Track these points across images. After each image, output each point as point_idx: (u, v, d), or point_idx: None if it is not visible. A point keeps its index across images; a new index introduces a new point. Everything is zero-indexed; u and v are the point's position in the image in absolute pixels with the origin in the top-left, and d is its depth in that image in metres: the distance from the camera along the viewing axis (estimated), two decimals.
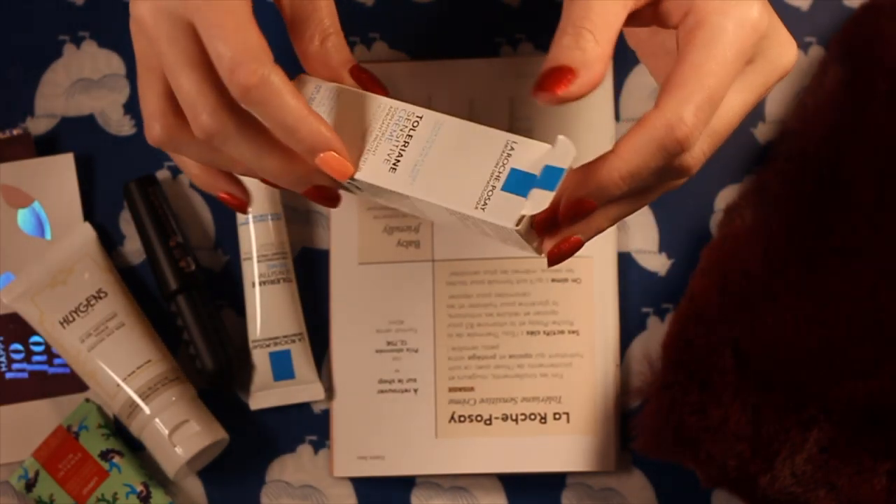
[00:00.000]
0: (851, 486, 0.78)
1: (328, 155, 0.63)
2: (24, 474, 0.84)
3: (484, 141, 0.64)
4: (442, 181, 0.64)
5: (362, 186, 0.66)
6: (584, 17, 0.62)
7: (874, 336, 0.79)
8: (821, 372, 0.79)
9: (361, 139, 0.66)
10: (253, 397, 0.86)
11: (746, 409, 0.79)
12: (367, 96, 0.67)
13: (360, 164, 0.65)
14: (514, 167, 0.63)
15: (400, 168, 0.65)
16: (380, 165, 0.65)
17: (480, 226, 0.65)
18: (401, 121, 0.65)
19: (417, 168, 0.65)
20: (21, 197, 0.87)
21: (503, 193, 0.63)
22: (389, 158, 0.65)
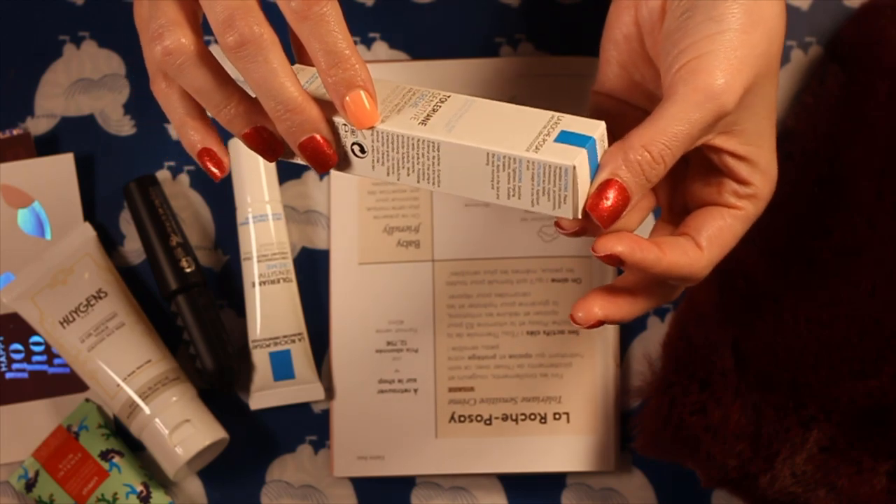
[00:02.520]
0: (851, 486, 0.78)
1: (358, 94, 0.63)
2: (24, 474, 0.84)
3: (526, 113, 0.64)
4: (483, 132, 0.64)
5: (371, 147, 0.65)
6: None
7: (874, 336, 0.79)
8: (821, 372, 0.79)
9: (381, 104, 0.65)
10: (253, 397, 0.86)
11: (746, 409, 0.79)
12: (386, 79, 0.66)
13: (382, 118, 0.64)
14: (564, 129, 0.63)
15: (431, 123, 0.64)
16: (406, 120, 0.64)
17: (519, 177, 0.64)
18: (424, 97, 0.65)
19: (452, 123, 0.64)
20: (21, 197, 0.87)
21: (556, 143, 0.63)
22: (417, 117, 0.64)
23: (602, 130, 0.63)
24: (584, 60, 0.87)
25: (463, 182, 0.64)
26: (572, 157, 0.62)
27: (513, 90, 0.87)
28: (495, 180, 0.64)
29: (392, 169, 0.65)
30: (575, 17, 0.89)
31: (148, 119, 0.89)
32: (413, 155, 0.64)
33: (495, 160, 0.63)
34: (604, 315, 0.66)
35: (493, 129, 0.64)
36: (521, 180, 0.63)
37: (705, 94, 0.63)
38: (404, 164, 0.65)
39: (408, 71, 0.87)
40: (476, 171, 0.64)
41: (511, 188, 0.64)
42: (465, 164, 0.64)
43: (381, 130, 0.64)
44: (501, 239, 0.86)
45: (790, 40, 0.88)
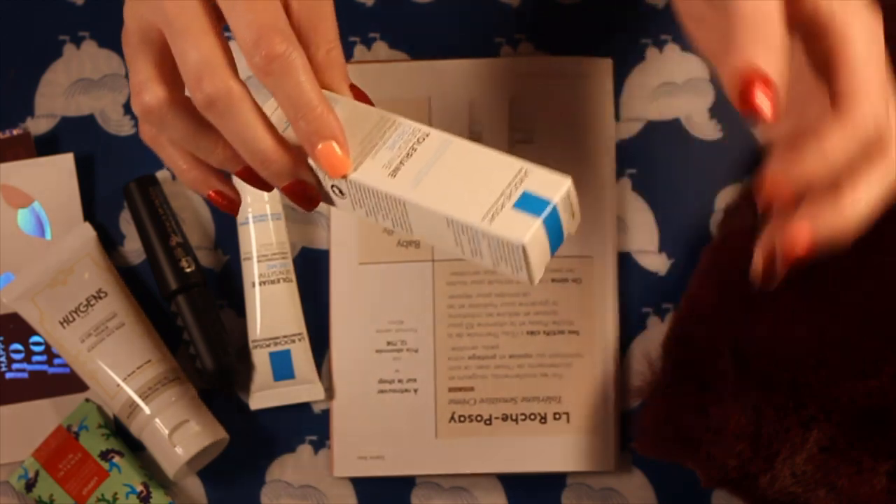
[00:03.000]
0: (851, 486, 0.78)
1: (328, 146, 0.64)
2: (24, 474, 0.84)
3: (495, 163, 0.64)
4: (446, 191, 0.64)
5: (348, 192, 0.66)
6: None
7: (874, 336, 0.79)
8: (821, 372, 0.79)
9: (359, 144, 0.65)
10: (253, 397, 0.86)
11: (746, 409, 0.79)
12: (369, 109, 0.66)
13: (355, 165, 0.65)
14: (527, 190, 0.63)
15: (401, 175, 0.64)
16: (378, 170, 0.65)
17: (478, 243, 0.64)
18: (405, 134, 0.65)
19: (420, 177, 0.64)
20: (21, 197, 0.87)
21: (514, 211, 0.63)
22: (389, 165, 0.65)
23: (566, 189, 0.63)
24: (584, 60, 0.87)
25: (431, 236, 0.65)
26: (524, 232, 0.62)
27: (513, 90, 0.87)
28: (458, 241, 0.64)
29: (369, 212, 0.66)
30: (575, 17, 0.89)
31: None
32: (384, 205, 0.65)
33: (455, 225, 0.64)
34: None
35: (457, 186, 0.64)
36: (480, 245, 0.64)
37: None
38: (379, 211, 0.66)
39: (408, 71, 0.87)
40: (440, 231, 0.65)
41: (473, 250, 0.64)
42: (430, 223, 0.65)
43: (352, 180, 0.65)
44: None
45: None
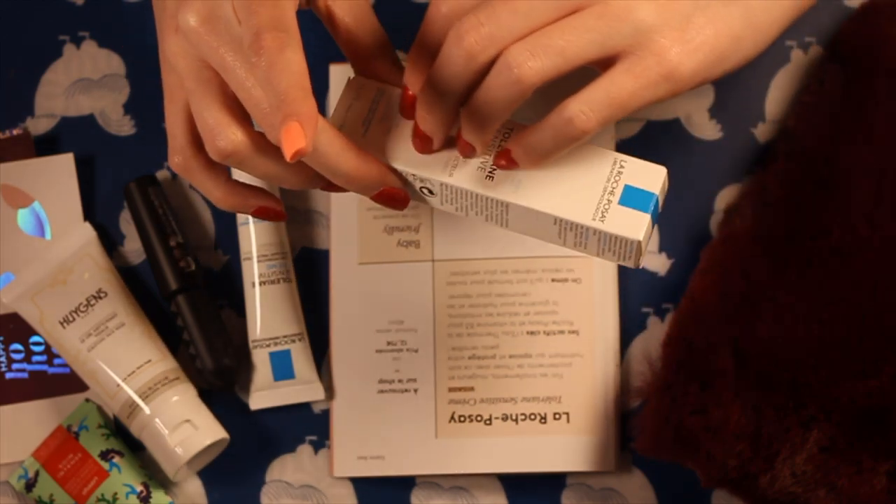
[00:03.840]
0: (851, 486, 0.78)
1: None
2: (24, 474, 0.84)
3: (588, 155, 0.67)
4: (549, 191, 0.66)
5: (440, 192, 0.68)
6: None
7: (874, 336, 0.79)
8: (821, 372, 0.79)
9: (446, 145, 0.67)
10: (253, 397, 0.86)
11: (746, 409, 0.79)
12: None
13: (449, 170, 0.67)
14: (628, 184, 0.66)
15: (498, 176, 0.66)
16: (474, 172, 0.67)
17: (585, 237, 0.66)
18: None
19: (518, 178, 0.66)
20: (21, 197, 0.87)
21: (620, 207, 0.65)
22: (484, 167, 0.67)
23: (664, 178, 0.66)
24: None
25: (531, 231, 0.68)
26: (638, 229, 0.65)
27: None
28: (563, 236, 0.67)
29: (461, 208, 0.68)
30: None
31: (148, 119, 0.89)
32: (481, 205, 0.67)
33: (563, 224, 0.66)
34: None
35: (558, 183, 0.66)
36: (588, 240, 0.66)
37: None
38: (473, 208, 0.68)
39: None
40: (544, 227, 0.67)
41: (577, 243, 0.67)
42: (534, 221, 0.67)
43: (451, 184, 0.67)
44: (501, 239, 0.86)
45: (790, 40, 0.88)
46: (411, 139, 0.67)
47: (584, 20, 0.64)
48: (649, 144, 0.87)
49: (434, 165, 0.67)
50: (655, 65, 0.65)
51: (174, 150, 0.69)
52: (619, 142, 0.87)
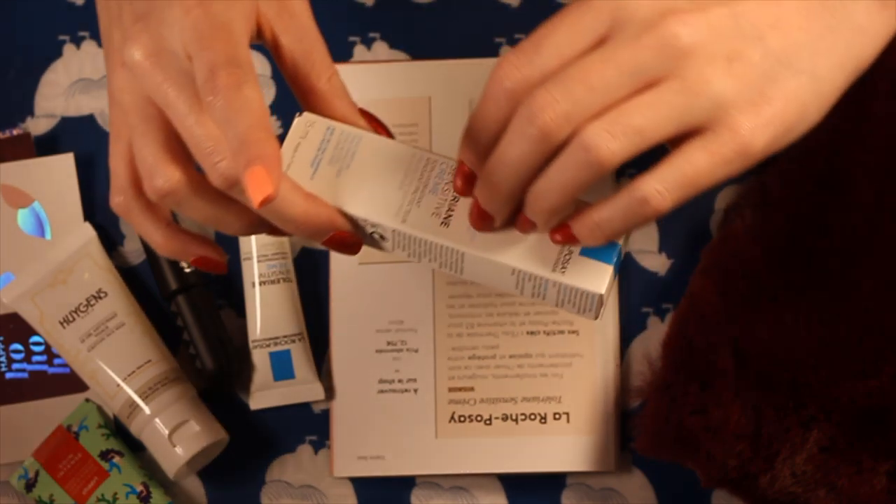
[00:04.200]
0: (851, 486, 0.78)
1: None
2: (24, 474, 0.84)
3: None
4: (507, 240, 0.63)
5: (392, 238, 0.64)
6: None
7: (874, 336, 0.79)
8: (821, 372, 0.79)
9: (398, 189, 0.64)
10: (253, 397, 0.86)
11: (746, 409, 0.79)
12: (396, 144, 0.65)
13: (402, 216, 0.63)
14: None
15: (454, 223, 0.63)
16: (428, 218, 0.63)
17: (544, 289, 0.64)
18: (444, 174, 0.64)
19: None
20: (21, 197, 0.87)
21: (582, 258, 0.63)
22: (439, 212, 0.63)
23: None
24: None
25: (487, 280, 0.64)
26: (600, 282, 0.62)
27: None
28: (520, 287, 0.64)
29: (414, 254, 0.65)
30: None
31: None
32: (436, 252, 0.64)
33: (521, 275, 0.63)
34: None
35: (516, 234, 0.63)
36: (547, 291, 0.64)
37: None
38: (426, 255, 0.65)
39: (408, 71, 0.87)
40: (501, 277, 0.64)
41: (536, 294, 0.64)
42: (491, 271, 0.64)
43: (405, 232, 0.63)
44: None
45: None
46: (468, 216, 0.63)
47: (662, 96, 0.60)
48: None
49: (387, 210, 0.64)
50: (730, 140, 0.61)
51: (115, 190, 0.66)
52: None
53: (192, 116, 0.61)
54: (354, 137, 0.65)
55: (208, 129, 0.61)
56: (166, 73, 0.61)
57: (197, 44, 0.60)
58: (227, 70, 0.59)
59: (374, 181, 0.64)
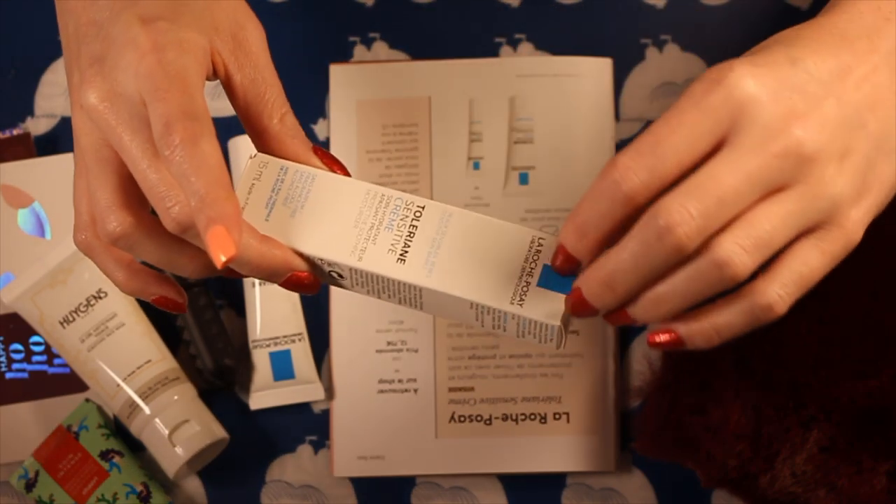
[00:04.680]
0: (851, 486, 0.78)
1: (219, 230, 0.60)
2: (24, 474, 0.84)
3: (505, 234, 0.63)
4: (464, 273, 0.63)
5: (349, 276, 0.64)
6: None
7: (874, 336, 0.79)
8: (821, 372, 0.79)
9: (354, 227, 0.64)
10: (253, 397, 0.86)
11: (746, 409, 0.79)
12: (350, 181, 0.65)
13: (358, 254, 0.63)
14: (547, 263, 0.63)
15: (410, 259, 0.63)
16: (384, 255, 0.63)
17: (503, 321, 0.64)
18: (399, 209, 0.64)
19: (432, 260, 0.63)
20: (21, 197, 0.87)
21: (539, 289, 0.62)
22: (394, 249, 0.63)
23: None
24: (584, 60, 0.87)
25: (447, 313, 0.65)
26: (557, 313, 0.62)
27: (513, 90, 0.87)
28: (480, 319, 0.64)
29: (372, 291, 0.65)
30: (575, 17, 0.89)
31: None
32: (394, 288, 0.64)
33: (479, 308, 0.63)
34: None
35: (473, 266, 0.63)
36: (507, 323, 0.64)
37: None
38: (385, 292, 0.65)
39: (408, 71, 0.87)
40: (461, 311, 0.64)
41: (496, 325, 0.64)
42: (449, 304, 0.64)
43: (361, 269, 0.63)
44: None
45: None
46: (566, 302, 0.63)
47: (788, 205, 0.61)
48: None
49: (342, 249, 0.63)
50: (841, 237, 0.63)
51: (78, 227, 0.65)
52: (620, 142, 0.87)
53: (146, 161, 0.60)
54: (308, 177, 0.65)
55: (162, 174, 0.60)
56: (119, 118, 0.61)
57: (151, 94, 0.60)
58: (183, 124, 0.59)
59: (329, 220, 0.64)
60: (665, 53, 0.88)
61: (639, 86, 0.88)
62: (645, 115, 0.88)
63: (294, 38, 0.88)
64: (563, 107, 0.87)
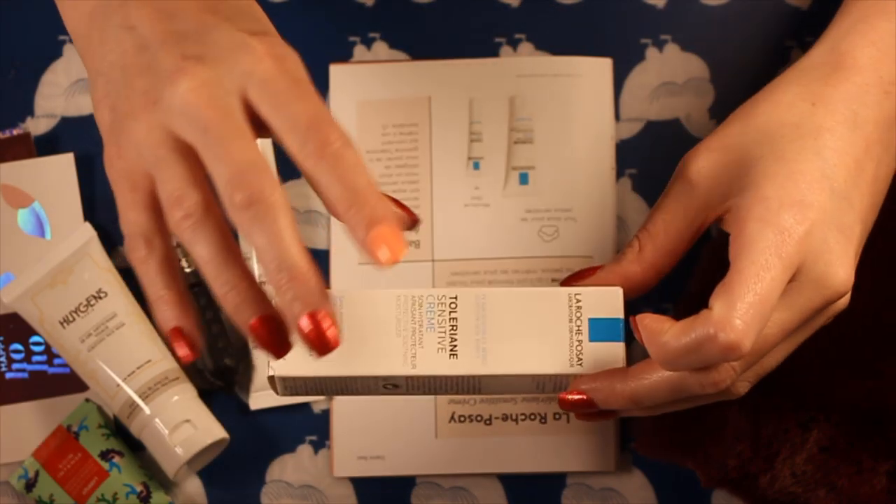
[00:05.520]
0: (851, 486, 0.77)
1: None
2: (24, 474, 0.84)
3: (543, 301, 0.65)
4: (517, 351, 0.64)
5: (409, 384, 0.65)
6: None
7: (874, 336, 0.79)
8: (821, 372, 0.79)
9: (397, 336, 0.64)
10: (253, 397, 0.86)
11: (746, 409, 0.79)
12: (377, 293, 0.65)
13: (411, 361, 0.64)
14: (592, 317, 0.64)
15: (461, 352, 0.64)
16: (435, 356, 0.64)
17: (566, 384, 0.65)
18: (433, 306, 0.64)
19: (482, 347, 0.64)
20: (21, 197, 0.87)
21: (592, 344, 0.64)
22: (443, 346, 0.64)
23: (621, 297, 0.65)
24: (584, 60, 0.87)
25: (508, 390, 0.66)
26: (617, 360, 0.64)
27: (513, 90, 0.87)
28: (541, 388, 0.66)
29: (430, 390, 0.66)
30: (575, 17, 0.89)
31: None
32: (452, 383, 0.65)
33: (541, 379, 0.65)
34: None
35: (524, 342, 0.64)
36: (570, 384, 0.66)
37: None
38: (441, 388, 0.66)
39: (408, 71, 0.87)
40: (522, 385, 0.66)
41: (557, 389, 0.66)
42: (510, 382, 0.65)
43: (415, 375, 0.64)
44: (501, 239, 0.86)
45: (790, 40, 0.88)
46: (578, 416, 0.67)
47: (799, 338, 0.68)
48: (649, 144, 0.87)
49: (395, 362, 0.64)
50: (833, 312, 0.67)
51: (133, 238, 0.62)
52: (620, 142, 0.87)
53: (238, 141, 0.58)
54: (335, 300, 0.65)
55: (250, 153, 0.58)
56: (213, 102, 0.59)
57: (285, 94, 0.59)
58: (333, 127, 0.58)
59: (372, 337, 0.64)
60: (665, 53, 0.88)
61: (639, 86, 0.88)
62: (645, 115, 0.88)
63: (294, 38, 0.88)
64: (563, 107, 0.87)
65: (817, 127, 0.66)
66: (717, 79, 0.88)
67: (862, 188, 0.66)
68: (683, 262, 0.86)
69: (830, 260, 0.64)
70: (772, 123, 0.67)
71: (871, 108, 0.67)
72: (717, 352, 0.61)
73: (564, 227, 0.85)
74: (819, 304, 0.65)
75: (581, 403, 0.65)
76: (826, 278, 0.64)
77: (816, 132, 0.66)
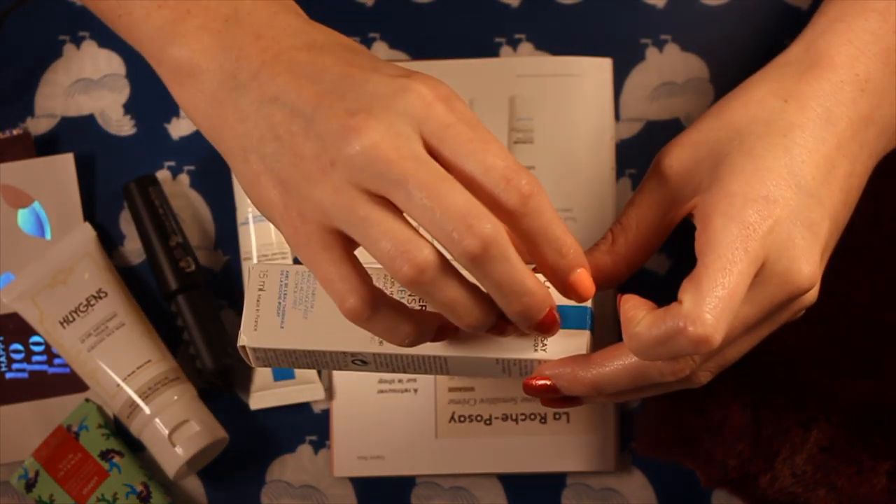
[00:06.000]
0: (851, 486, 0.78)
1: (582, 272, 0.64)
2: (24, 474, 0.84)
3: None
4: (482, 334, 0.65)
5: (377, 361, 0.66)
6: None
7: (874, 336, 0.79)
8: (821, 372, 0.79)
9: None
10: (253, 397, 0.86)
11: (746, 409, 0.79)
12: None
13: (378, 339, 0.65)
14: (559, 304, 0.64)
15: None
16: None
17: (531, 368, 0.66)
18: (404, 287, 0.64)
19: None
20: (21, 197, 0.87)
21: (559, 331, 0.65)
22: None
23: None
24: (584, 60, 0.87)
25: (475, 372, 0.67)
26: (581, 347, 0.65)
27: (513, 90, 0.87)
28: (507, 371, 0.67)
29: (397, 368, 0.68)
30: (575, 17, 0.89)
31: (148, 119, 0.89)
32: (419, 362, 0.66)
33: (506, 363, 0.66)
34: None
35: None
36: (534, 369, 0.66)
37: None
38: (409, 367, 0.67)
39: None
40: (487, 368, 0.67)
41: (523, 373, 0.67)
42: (476, 365, 0.66)
43: (383, 353, 0.66)
44: None
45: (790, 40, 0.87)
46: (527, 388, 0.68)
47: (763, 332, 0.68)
48: (649, 144, 0.87)
49: (363, 338, 0.65)
50: (799, 307, 0.68)
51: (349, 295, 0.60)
52: (620, 142, 0.87)
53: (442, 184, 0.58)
54: (308, 274, 0.65)
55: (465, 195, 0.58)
56: (401, 152, 0.58)
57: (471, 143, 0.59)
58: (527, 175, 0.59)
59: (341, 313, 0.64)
60: (665, 53, 0.88)
61: (639, 86, 0.88)
62: (645, 115, 0.88)
63: None
64: (563, 107, 0.87)
65: (788, 124, 0.66)
66: (716, 79, 0.88)
67: (833, 185, 0.66)
68: (683, 262, 0.86)
69: (794, 256, 0.64)
70: (743, 120, 0.67)
71: (846, 105, 0.67)
72: (688, 344, 0.61)
73: None
74: (782, 299, 0.65)
75: (545, 389, 0.66)
76: (789, 273, 0.64)
77: (787, 129, 0.66)
